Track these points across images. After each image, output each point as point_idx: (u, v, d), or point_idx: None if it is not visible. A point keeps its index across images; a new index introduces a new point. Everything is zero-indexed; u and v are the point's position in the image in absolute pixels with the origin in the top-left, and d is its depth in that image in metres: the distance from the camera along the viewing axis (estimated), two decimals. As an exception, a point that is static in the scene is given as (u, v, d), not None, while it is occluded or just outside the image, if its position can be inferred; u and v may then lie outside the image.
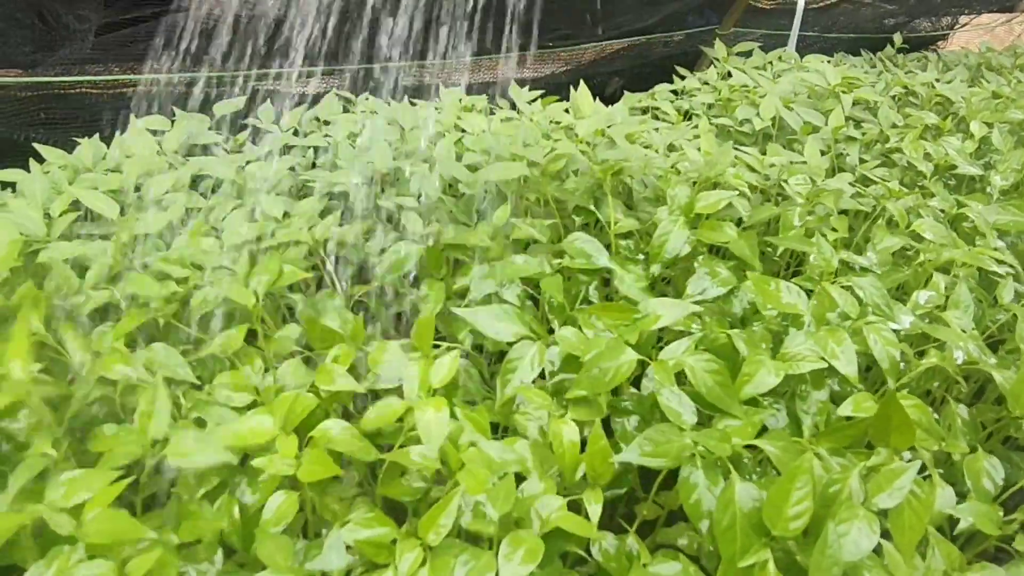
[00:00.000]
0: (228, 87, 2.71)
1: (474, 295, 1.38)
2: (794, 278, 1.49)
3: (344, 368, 1.19)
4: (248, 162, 1.82)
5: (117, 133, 2.04)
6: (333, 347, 1.25)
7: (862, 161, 2.07)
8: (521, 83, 3.31)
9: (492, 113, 2.56)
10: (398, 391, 1.18)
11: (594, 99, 2.22)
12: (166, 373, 1.16)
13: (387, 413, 1.13)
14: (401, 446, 1.12)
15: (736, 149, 1.88)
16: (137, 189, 1.67)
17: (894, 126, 2.28)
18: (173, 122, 2.02)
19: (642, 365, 1.22)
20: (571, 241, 1.40)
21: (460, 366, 1.24)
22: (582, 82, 2.20)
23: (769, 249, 1.71)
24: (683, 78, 3.00)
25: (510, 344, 1.23)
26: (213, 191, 1.80)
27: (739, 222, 1.65)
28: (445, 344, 1.23)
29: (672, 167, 1.86)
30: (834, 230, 1.58)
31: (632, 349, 1.17)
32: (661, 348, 1.25)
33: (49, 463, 1.00)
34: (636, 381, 1.32)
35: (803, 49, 4.20)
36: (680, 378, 1.20)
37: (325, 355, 1.25)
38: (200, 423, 1.15)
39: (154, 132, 1.93)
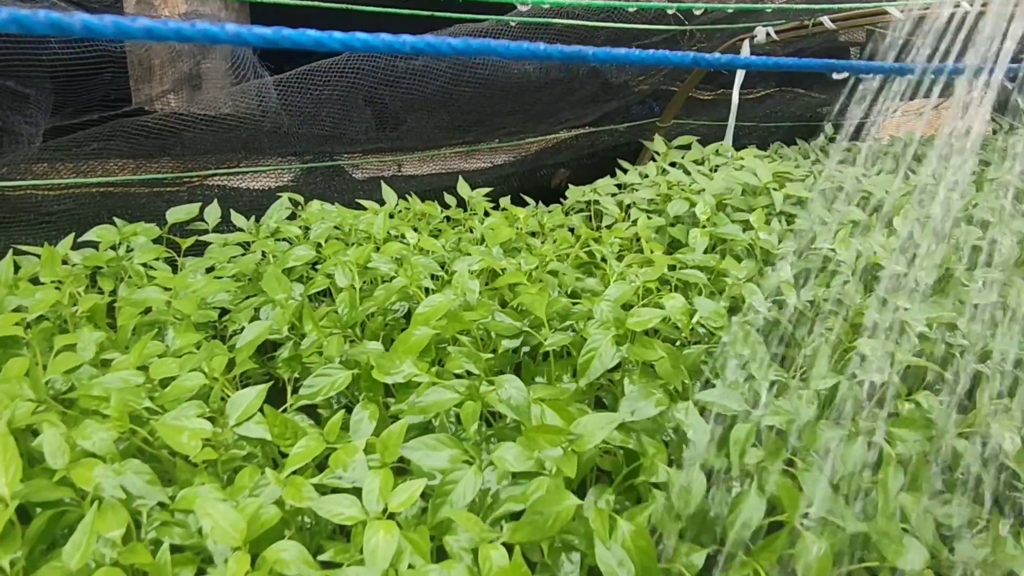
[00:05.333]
0: (182, 187, 2.74)
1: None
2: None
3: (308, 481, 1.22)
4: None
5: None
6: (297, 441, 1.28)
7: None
8: (470, 174, 3.39)
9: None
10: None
11: (540, 192, 2.30)
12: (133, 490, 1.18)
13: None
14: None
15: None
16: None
17: (823, 223, 2.38)
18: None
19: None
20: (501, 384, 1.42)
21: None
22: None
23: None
24: (625, 171, 3.11)
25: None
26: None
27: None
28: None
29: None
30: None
31: (572, 496, 1.20)
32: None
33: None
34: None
35: (742, 137, 4.37)
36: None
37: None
38: (157, 543, 1.15)
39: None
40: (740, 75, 3.68)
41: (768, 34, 3.19)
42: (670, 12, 3.00)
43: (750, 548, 1.26)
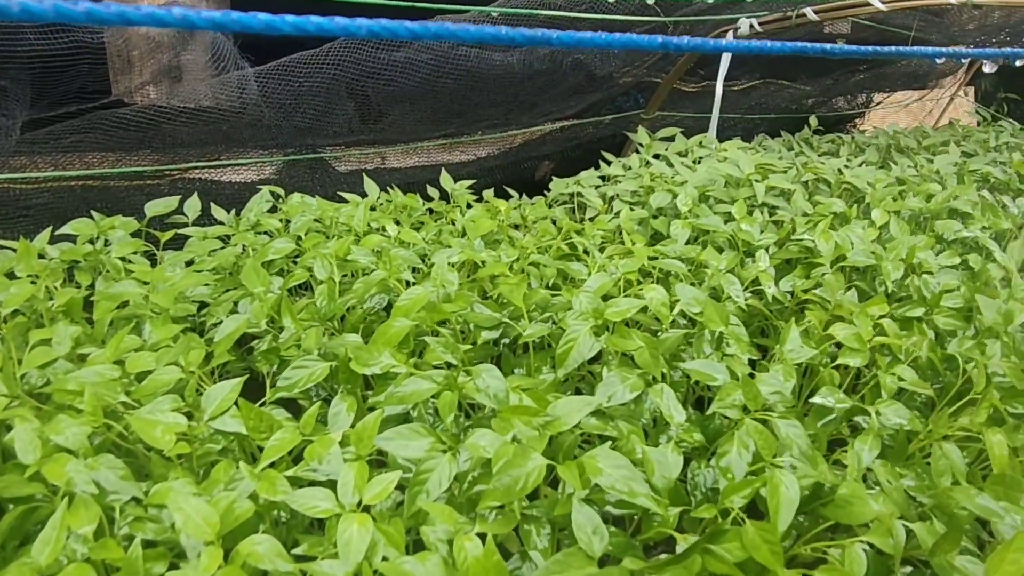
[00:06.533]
0: (162, 181, 2.72)
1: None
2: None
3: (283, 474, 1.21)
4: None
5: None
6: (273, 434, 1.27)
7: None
8: (453, 166, 3.37)
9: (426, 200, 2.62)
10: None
11: (524, 184, 2.30)
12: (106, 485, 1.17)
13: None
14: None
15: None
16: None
17: (804, 214, 2.38)
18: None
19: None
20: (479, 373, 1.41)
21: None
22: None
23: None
24: (608, 163, 3.10)
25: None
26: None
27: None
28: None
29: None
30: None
31: (539, 455, 1.19)
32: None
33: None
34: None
35: (727, 129, 4.38)
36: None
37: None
38: (129, 538, 1.14)
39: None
40: (724, 67, 3.67)
41: (752, 26, 3.19)
42: (651, 2, 3.00)
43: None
